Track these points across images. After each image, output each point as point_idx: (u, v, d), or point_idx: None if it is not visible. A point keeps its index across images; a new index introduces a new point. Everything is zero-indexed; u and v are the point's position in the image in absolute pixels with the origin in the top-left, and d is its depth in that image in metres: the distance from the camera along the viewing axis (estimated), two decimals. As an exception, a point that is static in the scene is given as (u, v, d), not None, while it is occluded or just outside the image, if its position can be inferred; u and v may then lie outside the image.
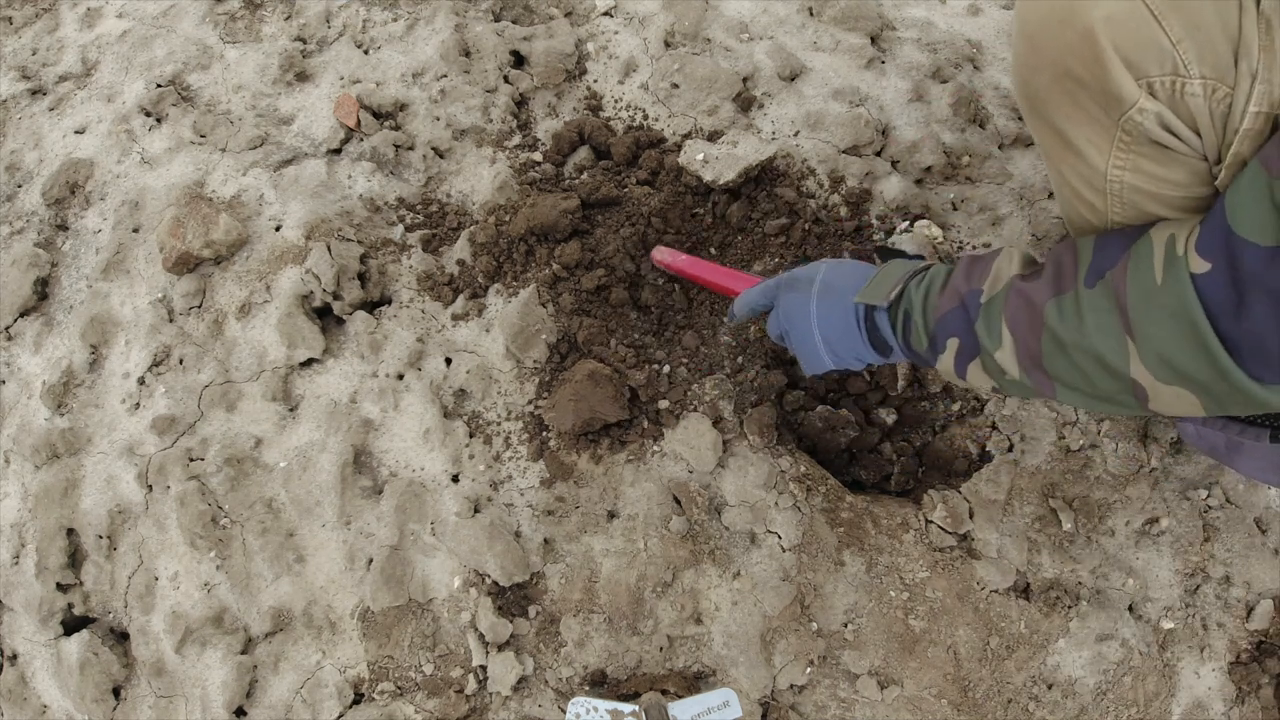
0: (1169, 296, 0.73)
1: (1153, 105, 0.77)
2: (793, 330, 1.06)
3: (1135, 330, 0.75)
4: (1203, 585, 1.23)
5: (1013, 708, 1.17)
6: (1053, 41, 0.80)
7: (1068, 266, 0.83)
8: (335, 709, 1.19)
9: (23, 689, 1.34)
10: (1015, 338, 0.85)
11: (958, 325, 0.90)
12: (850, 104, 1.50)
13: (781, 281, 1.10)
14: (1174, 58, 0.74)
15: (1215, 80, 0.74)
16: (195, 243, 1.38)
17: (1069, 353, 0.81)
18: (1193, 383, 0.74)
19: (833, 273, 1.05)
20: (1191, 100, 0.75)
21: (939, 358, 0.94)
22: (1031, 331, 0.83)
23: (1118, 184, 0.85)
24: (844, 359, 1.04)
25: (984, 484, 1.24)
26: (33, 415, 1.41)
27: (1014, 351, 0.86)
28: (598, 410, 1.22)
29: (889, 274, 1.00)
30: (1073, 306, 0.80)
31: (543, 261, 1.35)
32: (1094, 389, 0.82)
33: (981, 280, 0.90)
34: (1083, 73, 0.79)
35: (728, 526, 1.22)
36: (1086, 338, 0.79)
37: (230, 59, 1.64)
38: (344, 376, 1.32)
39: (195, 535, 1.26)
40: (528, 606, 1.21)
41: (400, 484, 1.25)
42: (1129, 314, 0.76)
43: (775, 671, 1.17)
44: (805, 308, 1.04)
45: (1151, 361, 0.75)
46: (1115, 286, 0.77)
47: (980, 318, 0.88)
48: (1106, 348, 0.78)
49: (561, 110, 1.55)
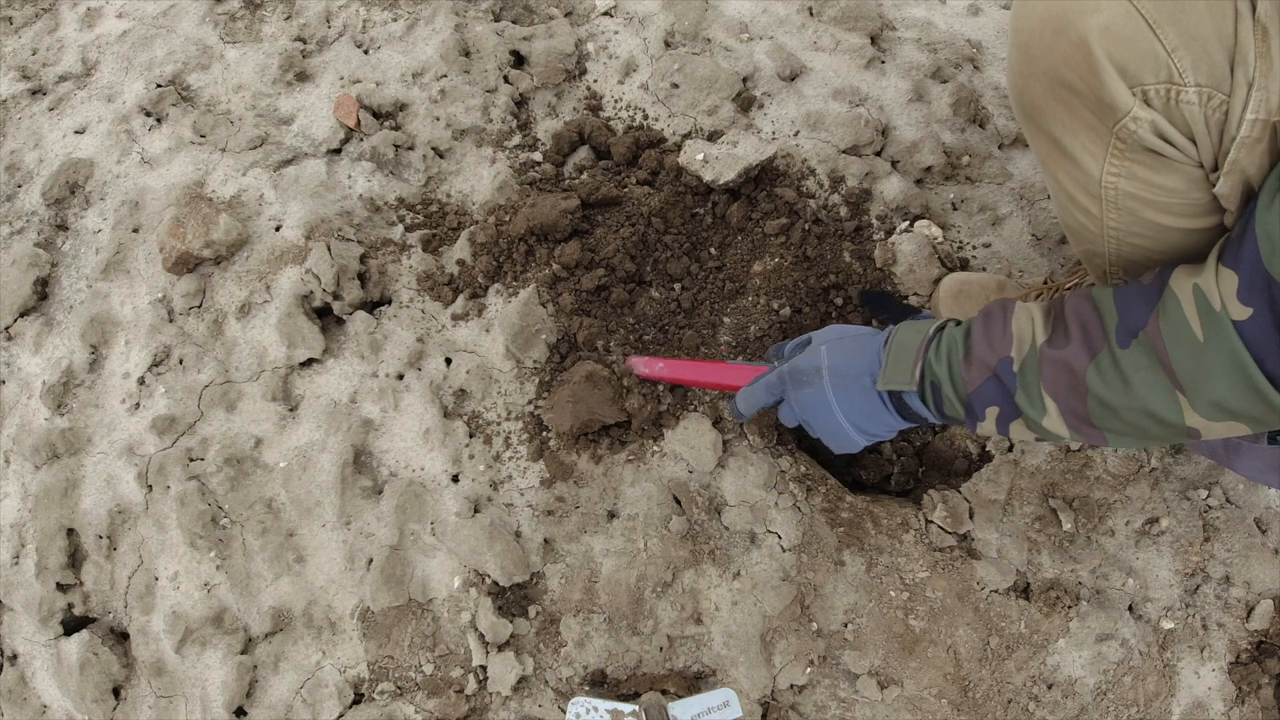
0: (1215, 349, 0.74)
1: (1147, 114, 0.77)
2: (815, 422, 1.04)
3: (1185, 385, 0.76)
4: (1203, 585, 1.23)
5: (1013, 708, 1.17)
6: (1047, 50, 0.80)
7: (1094, 327, 0.83)
8: (335, 709, 1.19)
9: (23, 689, 1.34)
10: (1059, 404, 0.85)
11: (995, 396, 0.89)
12: (850, 104, 1.50)
13: (785, 375, 1.06)
14: (1169, 66, 0.74)
15: (1211, 88, 0.74)
16: (195, 243, 1.38)
17: (1119, 413, 0.81)
18: (1245, 417, 0.76)
19: (838, 356, 1.02)
20: (1187, 108, 0.76)
21: (979, 424, 0.93)
22: (1076, 396, 0.83)
23: (1113, 191, 0.85)
24: (876, 435, 1.03)
25: (984, 484, 1.24)
26: (33, 415, 1.41)
27: (1060, 416, 0.86)
28: (596, 411, 1.22)
29: (903, 349, 0.97)
30: (1113, 369, 0.80)
31: (543, 261, 1.35)
32: (1146, 435, 0.83)
33: (1006, 346, 0.89)
34: (1077, 81, 0.79)
35: (728, 526, 1.22)
36: (1136, 399, 0.79)
37: (230, 59, 1.64)
38: (344, 376, 1.32)
39: (195, 535, 1.26)
40: (528, 606, 1.21)
41: (400, 484, 1.25)
42: (1175, 371, 0.76)
43: (775, 671, 1.17)
44: (823, 399, 1.01)
45: (1205, 409, 0.76)
46: (1154, 345, 0.77)
47: (1019, 389, 0.88)
48: (1158, 405, 0.79)
49: (561, 110, 1.55)
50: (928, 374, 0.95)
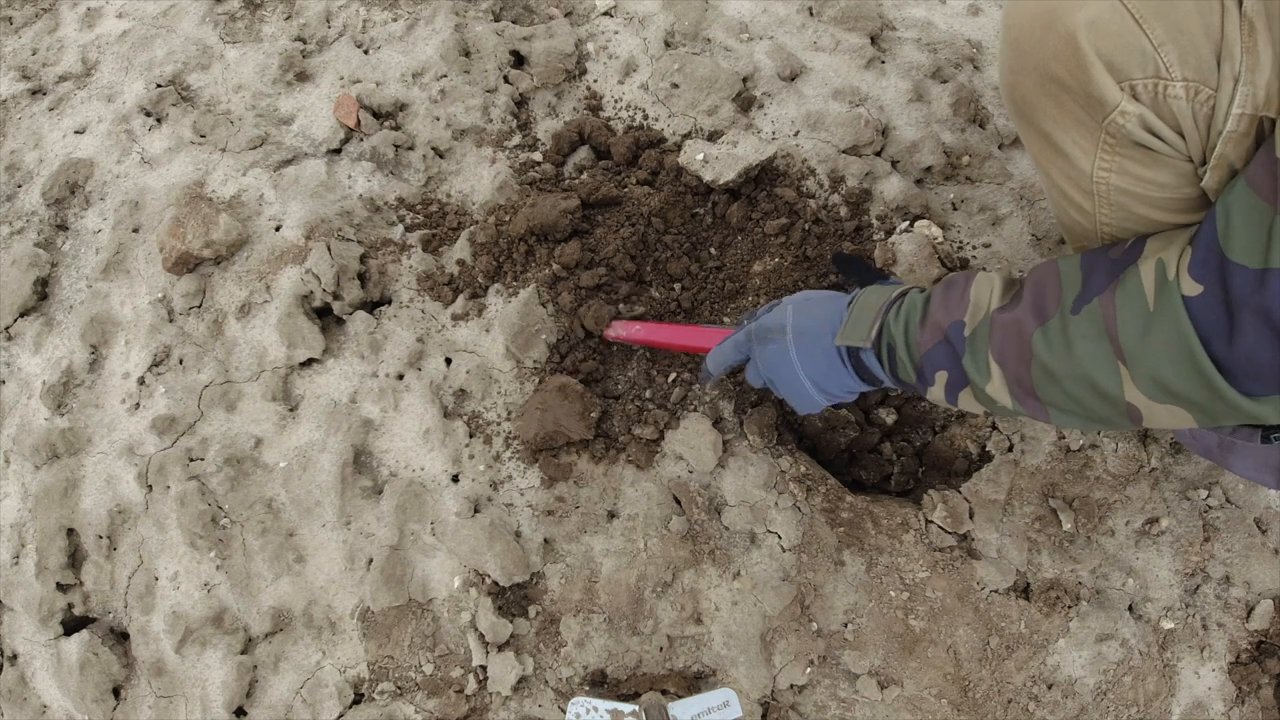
0: (1161, 321, 0.73)
1: (1135, 108, 0.77)
2: (777, 379, 1.06)
3: (1127, 355, 0.76)
4: (1203, 585, 1.23)
5: (1013, 708, 1.17)
6: (1036, 46, 0.80)
7: (1051, 292, 0.83)
8: (335, 709, 1.19)
9: (23, 689, 1.34)
10: (1005, 370, 0.85)
11: (944, 359, 0.90)
12: (850, 104, 1.50)
13: (752, 332, 1.08)
14: (1156, 61, 0.75)
15: (1198, 82, 0.75)
16: (195, 243, 1.38)
17: (1060, 381, 0.81)
18: (1186, 401, 0.74)
19: (803, 314, 1.04)
20: (1174, 103, 0.76)
21: (929, 389, 0.94)
22: (1021, 362, 0.84)
23: (1104, 186, 0.85)
24: (836, 395, 1.04)
25: (984, 484, 1.24)
26: (33, 415, 1.41)
27: (1004, 382, 0.86)
28: (562, 424, 1.21)
29: (864, 309, 0.99)
30: (1060, 335, 0.80)
31: (543, 261, 1.35)
32: (1088, 412, 0.82)
33: (961, 310, 0.90)
34: (1065, 77, 0.79)
35: (728, 526, 1.22)
36: (1078, 366, 0.79)
37: (230, 59, 1.64)
38: (344, 376, 1.32)
39: (195, 535, 1.26)
40: (528, 606, 1.21)
41: (400, 484, 1.25)
42: (1119, 340, 0.76)
43: (775, 671, 1.17)
44: (785, 356, 1.04)
45: (1145, 384, 0.76)
46: (1104, 313, 0.77)
47: (966, 352, 0.88)
48: (1099, 374, 0.78)
49: (561, 110, 1.55)
50: (885, 335, 0.96)
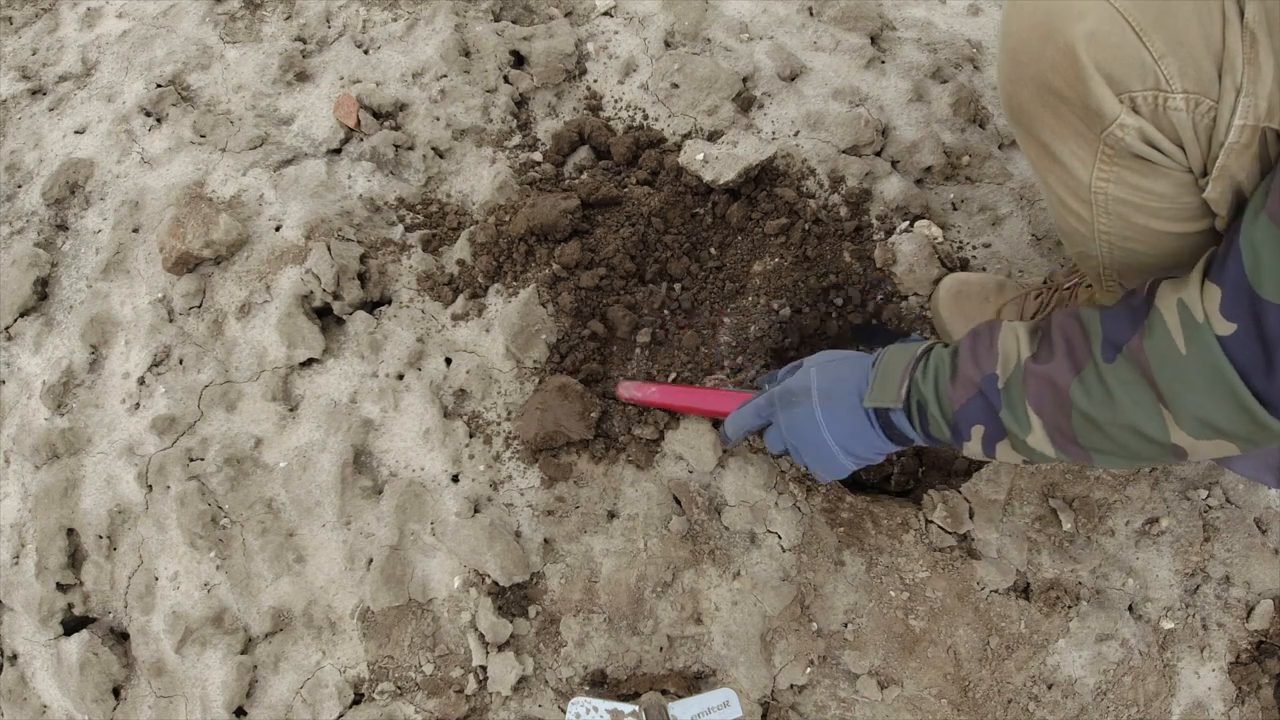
0: (1198, 363, 0.73)
1: (1134, 121, 0.77)
2: (801, 444, 1.04)
3: (1170, 400, 0.75)
4: (1203, 585, 1.23)
5: (1013, 708, 1.17)
6: (1034, 57, 0.80)
7: (1079, 342, 0.82)
8: (335, 709, 1.19)
9: (23, 689, 1.34)
10: (1044, 420, 0.85)
11: (980, 414, 0.89)
12: (850, 104, 1.50)
13: (775, 397, 1.07)
14: (1156, 73, 0.74)
15: (1199, 94, 0.74)
16: (195, 243, 1.38)
17: (1103, 428, 0.81)
18: (1232, 435, 0.75)
19: (826, 376, 1.03)
20: (1174, 115, 0.76)
21: (965, 444, 0.93)
22: (1060, 412, 0.83)
23: (1102, 196, 0.85)
24: (863, 458, 1.03)
25: (984, 484, 1.24)
26: (33, 415, 1.41)
27: (1045, 432, 0.85)
28: (562, 424, 1.21)
29: (890, 368, 0.98)
30: (1098, 384, 0.80)
31: (543, 261, 1.35)
32: (1133, 454, 0.82)
33: (991, 363, 0.89)
34: (1064, 88, 0.79)
35: (728, 526, 1.22)
36: (1121, 414, 0.79)
37: (230, 59, 1.64)
38: (344, 376, 1.32)
39: (195, 535, 1.26)
40: (528, 606, 1.21)
41: (400, 484, 1.25)
42: (1159, 386, 0.76)
43: (775, 671, 1.17)
44: (811, 419, 1.02)
45: (1190, 426, 0.76)
46: (1137, 359, 0.77)
47: (1004, 406, 0.87)
48: (1143, 420, 0.78)
49: (561, 110, 1.55)
50: (914, 393, 0.95)
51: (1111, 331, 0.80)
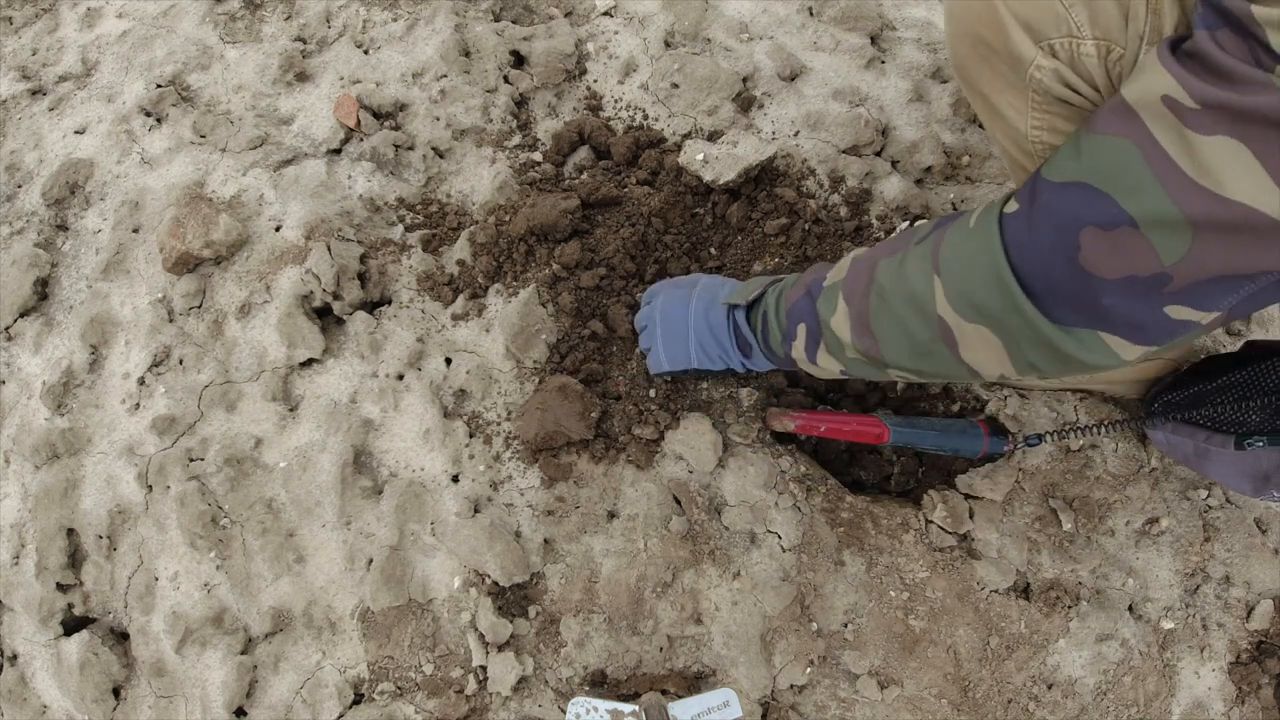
0: (976, 235, 0.77)
1: (1049, 63, 0.80)
2: (664, 320, 1.15)
3: (941, 267, 0.79)
4: (1203, 585, 1.23)
5: (1013, 708, 1.17)
6: (967, 13, 0.86)
7: (906, 235, 0.88)
8: (335, 709, 1.19)
9: (23, 689, 1.34)
10: (850, 306, 0.90)
11: (804, 313, 0.97)
12: (850, 104, 1.50)
13: (664, 284, 1.21)
14: (1068, 20, 0.78)
15: (1108, 41, 0.77)
16: (195, 243, 1.38)
17: (888, 300, 0.85)
18: (991, 319, 0.76)
19: (712, 280, 1.16)
20: (1088, 60, 0.79)
21: (792, 346, 0.99)
22: (864, 293, 0.88)
23: (1039, 144, 0.89)
24: (708, 356, 1.13)
25: (984, 484, 1.24)
26: (33, 415, 1.41)
27: (847, 318, 0.91)
28: (562, 424, 1.21)
29: (755, 281, 1.09)
30: (899, 262, 0.85)
31: (543, 261, 1.35)
32: (910, 338, 0.85)
33: (828, 270, 0.97)
34: (990, 38, 0.83)
35: (728, 526, 1.22)
36: (905, 281, 0.83)
37: (230, 59, 1.64)
38: (344, 376, 1.32)
39: (195, 535, 1.26)
40: (528, 606, 1.21)
41: (400, 484, 1.25)
42: (939, 253, 0.80)
43: (775, 671, 1.17)
44: (685, 303, 1.14)
45: (955, 298, 0.78)
46: (935, 238, 0.82)
47: (822, 297, 0.95)
48: (918, 285, 0.82)
49: (561, 110, 1.55)
50: (762, 303, 1.04)
51: (938, 224, 0.85)
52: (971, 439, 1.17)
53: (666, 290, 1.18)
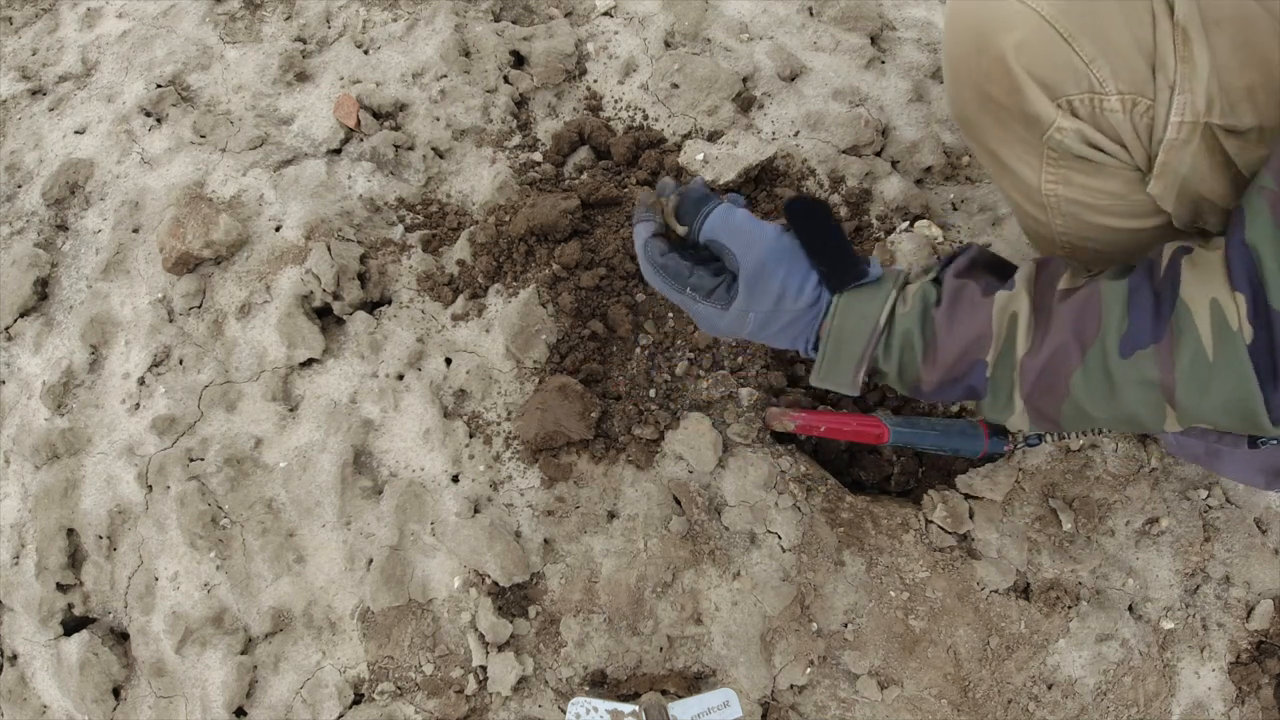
0: (1225, 371, 0.71)
1: (1071, 124, 0.78)
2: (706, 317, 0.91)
3: (1180, 402, 0.73)
4: (1203, 585, 1.23)
5: (1013, 708, 1.17)
6: (972, 68, 0.81)
7: (1091, 322, 0.76)
8: (335, 709, 1.19)
9: (23, 689, 1.34)
10: (1029, 406, 0.80)
11: (957, 397, 0.85)
12: (850, 104, 1.50)
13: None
14: (1089, 77, 0.75)
15: (1134, 94, 0.75)
16: (195, 243, 1.38)
17: (1092, 416, 0.78)
18: (1225, 428, 0.74)
19: (761, 314, 0.87)
20: (1112, 115, 0.76)
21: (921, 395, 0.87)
22: (1051, 399, 0.79)
23: (1054, 198, 0.86)
24: (772, 342, 0.91)
25: (984, 484, 1.24)
26: (33, 415, 1.41)
27: (1025, 415, 0.81)
28: (562, 424, 1.21)
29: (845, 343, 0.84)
30: (1103, 379, 0.75)
31: (543, 261, 1.35)
32: (1107, 430, 0.82)
33: (978, 347, 0.80)
34: (1002, 97, 0.80)
35: (728, 526, 1.22)
36: (1120, 409, 0.76)
37: (230, 59, 1.64)
38: (344, 376, 1.32)
39: (195, 535, 1.26)
40: (528, 606, 1.21)
41: (400, 484, 1.25)
42: (1176, 393, 0.73)
43: (775, 672, 1.17)
44: (739, 328, 0.89)
45: (1188, 420, 0.75)
46: (1160, 363, 0.73)
47: (989, 395, 0.82)
48: (1143, 414, 0.76)
49: (561, 110, 1.55)
50: (875, 374, 0.86)
51: (1135, 328, 0.74)
52: (972, 439, 1.16)
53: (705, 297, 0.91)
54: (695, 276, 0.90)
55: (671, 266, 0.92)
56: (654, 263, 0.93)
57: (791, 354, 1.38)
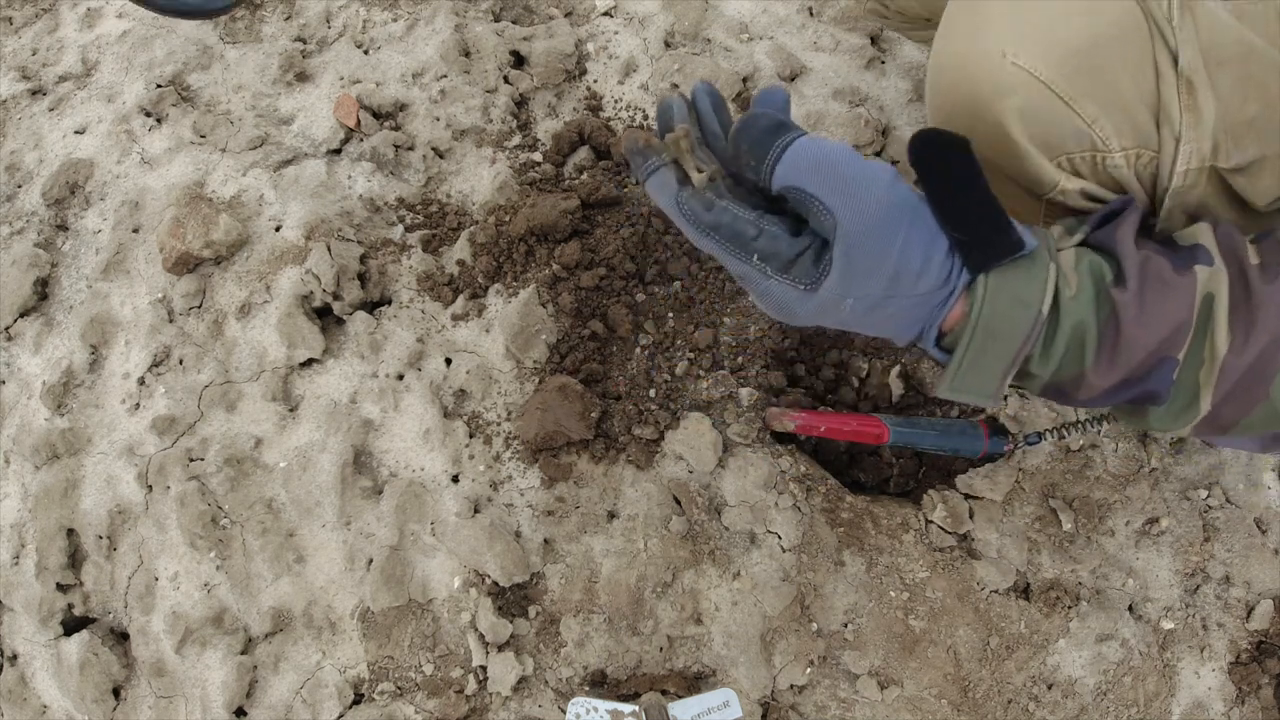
0: None
1: (1074, 184, 0.76)
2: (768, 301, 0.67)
3: None
4: (1203, 585, 1.23)
5: (1013, 708, 1.17)
6: (965, 130, 0.68)
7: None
8: (335, 709, 1.19)
9: (23, 689, 1.34)
10: (1213, 412, 0.66)
11: (1129, 398, 0.68)
12: (850, 104, 1.50)
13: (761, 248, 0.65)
14: (1091, 137, 0.73)
15: (1138, 148, 0.73)
16: (195, 243, 1.38)
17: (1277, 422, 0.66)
18: None
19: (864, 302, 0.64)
20: (1114, 170, 0.75)
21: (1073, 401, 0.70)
22: (1242, 406, 0.65)
23: None
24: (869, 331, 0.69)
25: (984, 484, 1.24)
26: (33, 415, 1.41)
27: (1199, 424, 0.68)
28: (562, 424, 1.21)
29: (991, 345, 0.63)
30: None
31: (543, 261, 1.35)
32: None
33: (1175, 340, 0.64)
34: (1000, 161, 0.77)
35: (728, 526, 1.22)
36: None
37: (230, 59, 1.64)
38: (344, 377, 1.32)
39: (195, 535, 1.26)
40: (528, 606, 1.21)
41: (400, 484, 1.25)
42: None
43: (775, 672, 1.17)
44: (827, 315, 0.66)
45: None
46: None
47: (1170, 398, 0.66)
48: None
49: (561, 110, 1.55)
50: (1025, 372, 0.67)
51: None
52: (972, 439, 1.16)
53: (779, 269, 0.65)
54: (765, 238, 0.64)
55: (727, 224, 0.64)
56: (700, 223, 0.66)
57: (791, 354, 1.38)
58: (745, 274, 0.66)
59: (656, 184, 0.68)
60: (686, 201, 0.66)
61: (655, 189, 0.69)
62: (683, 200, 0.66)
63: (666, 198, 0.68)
